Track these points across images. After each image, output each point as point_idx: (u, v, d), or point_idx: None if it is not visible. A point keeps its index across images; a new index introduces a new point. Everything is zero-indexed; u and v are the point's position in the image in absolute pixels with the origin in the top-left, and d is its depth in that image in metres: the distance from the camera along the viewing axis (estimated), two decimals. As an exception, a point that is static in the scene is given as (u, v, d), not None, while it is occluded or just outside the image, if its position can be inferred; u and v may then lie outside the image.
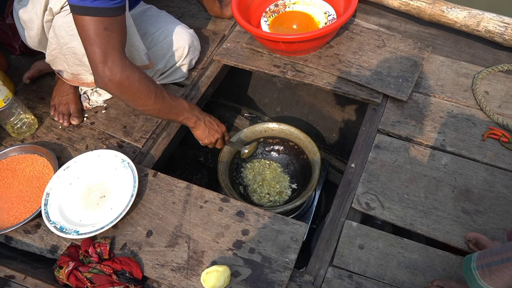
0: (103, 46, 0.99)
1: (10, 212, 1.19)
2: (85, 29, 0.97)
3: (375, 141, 1.26)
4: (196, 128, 1.23)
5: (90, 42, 0.99)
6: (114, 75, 1.01)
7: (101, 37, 0.98)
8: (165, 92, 1.13)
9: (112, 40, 1.00)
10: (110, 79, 1.02)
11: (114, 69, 1.01)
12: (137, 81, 1.04)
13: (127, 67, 1.03)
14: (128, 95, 1.06)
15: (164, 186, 1.19)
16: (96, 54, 0.99)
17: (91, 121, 1.40)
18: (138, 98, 1.08)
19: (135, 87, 1.05)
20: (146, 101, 1.08)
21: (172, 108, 1.15)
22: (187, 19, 1.66)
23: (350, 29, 1.51)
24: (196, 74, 1.47)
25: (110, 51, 1.00)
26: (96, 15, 0.95)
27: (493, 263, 0.76)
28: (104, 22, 0.97)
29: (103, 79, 1.02)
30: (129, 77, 1.03)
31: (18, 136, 1.38)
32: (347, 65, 1.41)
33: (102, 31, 0.97)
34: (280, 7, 1.55)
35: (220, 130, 1.27)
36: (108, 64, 1.00)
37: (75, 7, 0.96)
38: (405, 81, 1.35)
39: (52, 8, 1.10)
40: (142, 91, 1.06)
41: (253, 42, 1.51)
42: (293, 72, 1.42)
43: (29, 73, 1.51)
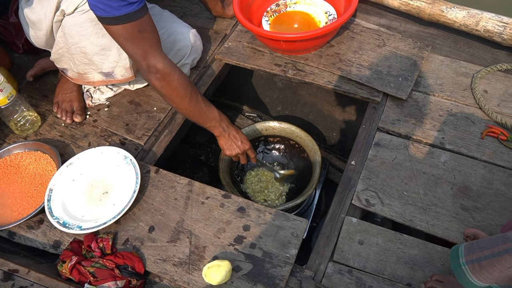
0: (141, 46, 1.05)
1: (13, 208, 1.21)
2: (119, 36, 1.02)
3: (375, 138, 1.27)
4: (220, 138, 1.28)
5: (128, 44, 1.04)
6: (157, 70, 1.08)
7: (137, 39, 1.03)
8: (200, 96, 1.18)
9: (148, 40, 1.05)
10: (154, 74, 1.08)
11: (156, 65, 1.07)
12: (176, 79, 1.10)
13: (168, 64, 1.09)
14: (166, 90, 1.11)
15: (166, 182, 1.20)
16: (136, 53, 1.06)
17: (93, 119, 1.41)
18: (175, 96, 1.13)
19: (174, 84, 1.10)
20: (182, 100, 1.14)
21: (203, 113, 1.19)
22: (189, 18, 1.67)
23: (350, 29, 1.53)
24: (198, 73, 1.49)
25: (149, 49, 1.06)
26: (125, 21, 1.00)
27: (483, 257, 0.75)
28: (135, 26, 1.01)
29: (147, 74, 1.09)
30: (170, 74, 1.09)
31: (21, 133, 1.39)
32: (347, 64, 1.42)
33: (136, 34, 1.02)
34: (281, 7, 1.57)
35: (242, 147, 1.30)
36: (151, 61, 1.06)
37: (104, 19, 1.00)
38: (405, 80, 1.36)
39: (64, 10, 1.12)
40: (180, 89, 1.12)
41: (255, 41, 1.52)
42: (294, 71, 1.43)
43: (32, 71, 1.53)
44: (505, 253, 0.71)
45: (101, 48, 1.19)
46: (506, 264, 0.71)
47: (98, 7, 0.99)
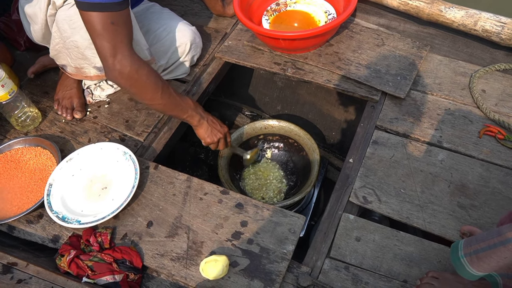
0: (111, 41, 1.02)
1: (13, 203, 1.21)
2: (92, 24, 1.00)
3: (373, 137, 1.27)
4: (199, 126, 1.24)
5: (98, 36, 1.02)
6: (123, 68, 1.04)
7: (109, 31, 1.00)
8: (171, 88, 1.16)
9: (120, 34, 1.02)
10: (120, 72, 1.04)
11: (123, 62, 1.04)
12: (145, 75, 1.07)
13: (136, 61, 1.06)
14: (136, 88, 1.09)
15: (165, 178, 1.21)
16: (105, 48, 1.02)
17: (94, 115, 1.42)
18: (145, 92, 1.10)
19: (143, 81, 1.08)
20: (153, 95, 1.11)
21: (177, 104, 1.17)
22: (189, 17, 1.69)
23: (349, 28, 1.54)
24: (198, 70, 1.50)
25: (118, 45, 1.03)
26: (102, 10, 0.98)
27: (480, 250, 0.78)
28: (110, 17, 0.99)
29: (113, 72, 1.05)
30: (138, 71, 1.06)
31: (22, 129, 1.41)
32: (346, 63, 1.43)
33: (109, 26, 1.00)
34: (281, 6, 1.58)
35: (222, 131, 1.28)
36: (118, 57, 1.03)
37: (81, 3, 0.98)
38: (403, 79, 1.37)
39: (55, 2, 1.13)
40: (150, 85, 1.09)
41: (254, 40, 1.53)
42: (293, 69, 1.44)
43: (33, 68, 1.54)
44: (500, 245, 0.74)
45: (91, 43, 1.19)
46: (502, 255, 0.74)
47: None
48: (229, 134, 1.33)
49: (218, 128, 1.27)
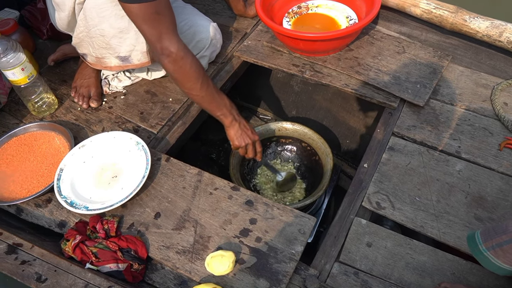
0: (157, 28, 1.04)
1: (23, 185, 1.21)
2: (136, 15, 1.02)
3: (389, 143, 1.25)
4: (231, 127, 1.24)
5: (144, 26, 1.04)
6: (170, 53, 1.07)
7: (153, 20, 1.02)
8: (211, 82, 1.17)
9: (164, 22, 1.04)
10: (167, 56, 1.07)
11: (170, 48, 1.06)
12: (189, 63, 1.09)
13: (182, 47, 1.08)
14: (179, 75, 1.11)
15: (176, 171, 1.19)
16: (151, 34, 1.05)
17: (109, 105, 1.42)
18: (187, 80, 1.12)
19: (187, 68, 1.09)
20: (193, 84, 1.12)
21: (214, 99, 1.17)
22: (210, 16, 1.67)
23: (370, 34, 1.52)
24: (216, 67, 1.49)
25: (164, 31, 1.05)
26: (142, 1, 0.99)
27: (504, 242, 0.76)
28: (152, 7, 1.01)
29: (160, 56, 1.08)
30: (183, 58, 1.08)
31: (38, 114, 1.41)
32: (365, 68, 1.41)
33: (152, 15, 1.01)
34: (303, 9, 1.57)
35: (252, 137, 1.27)
36: (165, 43, 1.06)
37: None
38: (423, 87, 1.34)
39: None
40: (192, 73, 1.11)
41: (274, 41, 1.53)
42: (312, 72, 1.43)
43: (54, 55, 1.55)
44: None
45: (119, 31, 1.21)
46: None
47: None
48: (259, 144, 1.31)
49: (249, 134, 1.26)
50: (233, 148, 1.31)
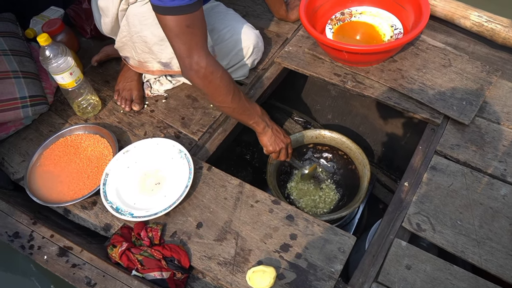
0: (187, 42, 1.04)
1: (70, 187, 1.26)
2: (168, 27, 1.03)
3: (431, 162, 1.23)
4: (264, 134, 1.25)
5: (175, 38, 1.04)
6: (199, 69, 1.07)
7: (185, 34, 1.02)
8: (242, 93, 1.18)
9: (195, 36, 1.04)
10: (196, 72, 1.08)
11: (200, 63, 1.06)
12: (219, 78, 1.10)
13: (211, 62, 1.08)
14: (209, 89, 1.12)
15: (218, 181, 1.22)
16: (181, 49, 1.05)
17: (151, 109, 1.45)
18: (217, 94, 1.13)
19: (217, 83, 1.10)
20: (224, 98, 1.13)
21: (246, 110, 1.19)
22: (251, 18, 1.68)
23: (415, 45, 1.49)
24: (256, 74, 1.49)
25: (194, 46, 1.05)
26: (177, 13, 1.00)
27: None
28: (185, 20, 1.01)
29: (189, 72, 1.08)
30: (213, 72, 1.08)
31: (83, 115, 1.45)
32: (409, 81, 1.38)
33: (184, 29, 1.01)
34: (346, 16, 1.55)
35: (285, 141, 1.28)
36: (194, 58, 1.06)
37: (156, 7, 1.00)
38: (469, 104, 1.31)
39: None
40: (223, 87, 1.11)
41: (316, 48, 1.51)
42: (354, 82, 1.41)
43: (97, 56, 1.59)
44: None
45: (160, 39, 1.22)
46: None
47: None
48: (291, 146, 1.33)
49: (282, 138, 1.27)
50: (266, 153, 1.33)
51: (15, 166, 1.37)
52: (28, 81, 1.39)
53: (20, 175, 1.34)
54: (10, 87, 1.35)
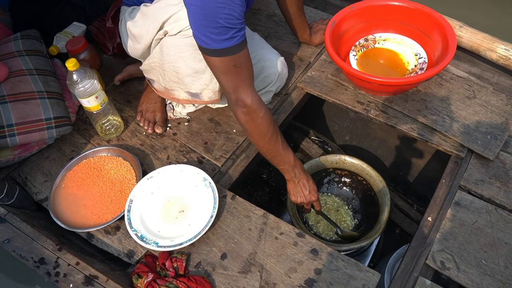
0: (234, 80, 1.07)
1: (94, 211, 1.27)
2: (215, 65, 1.05)
3: (455, 197, 1.23)
4: (290, 183, 1.27)
5: (221, 76, 1.07)
6: (244, 105, 1.09)
7: (231, 73, 1.05)
8: (280, 137, 1.18)
9: (241, 75, 1.07)
10: (240, 107, 1.10)
11: (245, 100, 1.09)
12: (260, 118, 1.11)
13: (256, 101, 1.10)
14: (249, 125, 1.13)
15: (242, 210, 1.22)
16: (228, 85, 1.08)
17: (173, 132, 1.45)
18: (255, 132, 1.14)
19: (257, 122, 1.12)
20: (261, 138, 1.15)
21: (278, 154, 1.19)
22: (273, 40, 1.68)
23: (439, 75, 1.48)
24: (279, 99, 1.50)
25: (240, 84, 1.07)
26: (224, 55, 1.01)
27: None
28: (232, 61, 1.03)
29: (234, 106, 1.11)
30: (256, 111, 1.10)
31: (105, 136, 1.46)
32: (433, 112, 1.38)
33: (231, 68, 1.04)
34: (370, 42, 1.54)
35: (309, 198, 1.28)
36: (240, 95, 1.08)
37: (203, 49, 1.02)
38: (494, 138, 1.31)
39: (168, 31, 1.15)
40: (261, 127, 1.13)
41: (339, 74, 1.51)
42: (377, 111, 1.41)
43: (120, 76, 1.59)
44: None
45: (194, 71, 1.23)
46: None
47: (200, 38, 1.02)
48: (318, 203, 1.33)
49: (305, 194, 1.28)
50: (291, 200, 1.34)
51: (38, 186, 1.38)
52: (53, 101, 1.40)
53: (43, 196, 1.35)
54: (35, 108, 1.36)
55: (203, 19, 0.97)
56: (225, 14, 0.96)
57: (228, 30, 0.98)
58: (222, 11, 0.96)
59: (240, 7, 0.99)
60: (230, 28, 0.99)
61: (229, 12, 0.96)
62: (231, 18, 0.97)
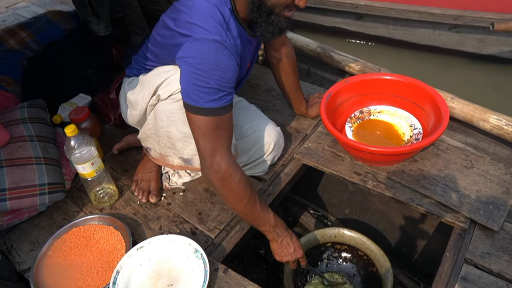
0: (213, 143, 1.06)
1: (78, 283, 1.20)
2: (197, 126, 1.05)
3: (462, 272, 1.15)
4: (273, 243, 1.24)
5: (201, 137, 1.06)
6: (219, 170, 1.07)
7: (212, 134, 1.04)
8: (258, 200, 1.16)
9: (222, 137, 1.06)
10: (215, 172, 1.08)
11: (221, 164, 1.07)
12: (237, 181, 1.09)
13: (232, 165, 1.09)
14: (225, 191, 1.11)
15: (234, 285, 1.15)
16: (206, 148, 1.06)
17: (168, 202, 1.43)
18: (232, 197, 1.12)
19: (234, 186, 1.09)
20: (239, 202, 1.12)
21: (258, 217, 1.17)
22: (271, 113, 1.72)
23: (435, 145, 1.48)
24: (276, 170, 1.49)
25: (219, 147, 1.06)
26: (209, 114, 1.02)
27: None
28: (216, 121, 1.03)
29: (208, 171, 1.09)
30: (232, 175, 1.08)
31: (98, 205, 1.43)
32: (432, 182, 1.36)
33: (213, 129, 1.04)
34: (365, 114, 1.58)
35: (294, 255, 1.24)
36: (216, 159, 1.07)
37: (189, 106, 1.03)
38: (497, 209, 1.27)
39: (160, 95, 1.20)
40: (239, 191, 1.10)
41: (335, 145, 1.52)
42: (374, 182, 1.39)
43: (119, 145, 1.61)
44: None
45: (185, 135, 1.24)
46: None
47: (189, 96, 1.04)
48: (304, 259, 1.28)
49: (290, 252, 1.23)
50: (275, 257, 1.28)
51: (23, 256, 1.32)
52: (49, 167, 1.40)
53: (27, 266, 1.29)
54: (31, 174, 1.36)
55: (195, 77, 1.00)
56: (217, 76, 1.00)
57: (218, 92, 1.01)
58: (215, 72, 0.99)
59: (233, 72, 1.03)
60: (220, 90, 1.02)
61: (221, 75, 1.00)
62: (222, 81, 1.01)
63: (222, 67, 1.00)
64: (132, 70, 1.36)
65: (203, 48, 1.01)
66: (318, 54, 1.96)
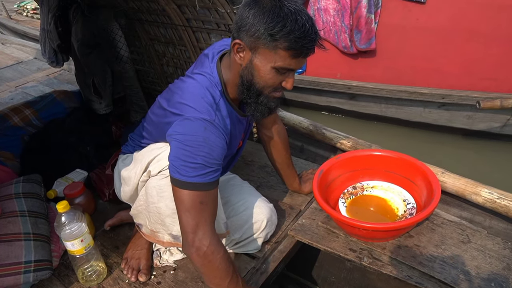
0: (196, 218, 1.05)
1: None
2: (182, 200, 1.05)
3: None
4: None
5: (185, 212, 1.05)
6: (201, 246, 1.05)
7: (196, 209, 1.04)
8: (240, 279, 1.13)
9: (205, 213, 1.06)
10: (197, 249, 1.05)
11: (203, 241, 1.05)
12: (219, 259, 1.07)
13: (215, 242, 1.07)
14: (206, 269, 1.08)
15: None
16: (189, 224, 1.05)
17: (158, 280, 1.38)
18: (214, 276, 1.09)
19: (216, 264, 1.07)
20: (221, 281, 1.09)
21: None
22: (265, 189, 1.73)
23: (430, 219, 1.47)
24: (269, 247, 1.46)
25: (202, 223, 1.05)
26: (194, 189, 1.03)
27: None
28: (200, 196, 1.04)
29: (190, 248, 1.06)
30: (214, 253, 1.06)
31: (85, 283, 1.38)
32: (429, 259, 1.32)
33: (197, 204, 1.04)
34: (358, 190, 1.58)
35: None
36: (199, 235, 1.05)
37: (176, 180, 1.05)
38: (498, 286, 1.22)
39: (151, 171, 1.21)
40: (221, 270, 1.08)
41: (329, 221, 1.51)
42: (370, 259, 1.36)
43: (111, 221, 1.60)
44: None
45: (173, 212, 1.23)
46: None
47: (176, 170, 1.04)
48: None
49: None
50: None
51: None
52: (37, 244, 1.38)
53: None
54: (17, 250, 1.33)
55: (182, 153, 1.03)
56: (204, 153, 1.02)
57: (204, 168, 1.03)
58: (203, 149, 1.02)
59: (221, 149, 1.06)
60: (206, 166, 1.03)
61: (209, 152, 1.03)
62: (209, 157, 1.03)
63: (210, 144, 1.03)
64: (127, 147, 1.40)
65: (193, 125, 1.05)
66: (310, 132, 2.03)
